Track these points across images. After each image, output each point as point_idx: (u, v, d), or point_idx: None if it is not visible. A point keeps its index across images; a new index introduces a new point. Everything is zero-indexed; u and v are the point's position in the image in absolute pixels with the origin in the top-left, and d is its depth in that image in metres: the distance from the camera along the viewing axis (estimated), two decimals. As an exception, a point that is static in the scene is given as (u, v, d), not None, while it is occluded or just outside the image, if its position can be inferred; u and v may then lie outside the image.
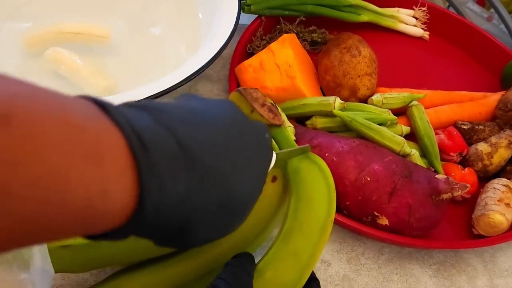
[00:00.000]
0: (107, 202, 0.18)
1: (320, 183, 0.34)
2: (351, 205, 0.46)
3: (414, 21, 0.73)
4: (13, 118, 0.15)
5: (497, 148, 0.55)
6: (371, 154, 0.48)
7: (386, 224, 0.45)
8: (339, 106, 0.53)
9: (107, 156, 0.18)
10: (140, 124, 0.20)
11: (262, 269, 0.32)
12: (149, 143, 0.19)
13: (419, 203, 0.45)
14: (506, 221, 0.48)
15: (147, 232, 0.21)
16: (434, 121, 0.58)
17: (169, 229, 0.21)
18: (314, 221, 0.33)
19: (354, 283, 0.47)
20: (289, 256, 0.32)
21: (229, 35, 0.53)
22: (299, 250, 0.32)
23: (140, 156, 0.19)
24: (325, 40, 0.67)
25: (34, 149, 0.15)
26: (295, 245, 0.32)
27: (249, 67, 0.56)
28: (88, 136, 0.17)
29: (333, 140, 0.49)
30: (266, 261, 0.32)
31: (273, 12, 0.65)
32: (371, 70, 0.57)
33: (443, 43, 0.74)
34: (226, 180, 0.23)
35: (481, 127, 0.58)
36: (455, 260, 0.51)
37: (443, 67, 0.71)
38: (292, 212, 0.34)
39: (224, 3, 0.59)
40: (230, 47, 0.56)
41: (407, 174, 0.47)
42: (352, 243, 0.50)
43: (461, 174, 0.53)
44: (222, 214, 0.23)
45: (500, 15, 0.79)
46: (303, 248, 0.32)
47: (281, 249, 0.33)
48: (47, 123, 0.16)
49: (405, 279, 0.48)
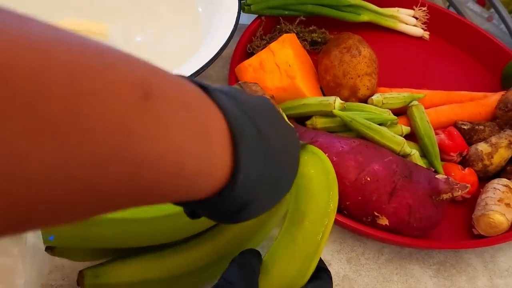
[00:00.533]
0: (210, 176, 0.20)
1: (319, 173, 0.34)
2: (351, 205, 0.46)
3: (414, 21, 0.73)
4: (153, 98, 0.16)
5: (497, 148, 0.55)
6: (371, 154, 0.48)
7: (386, 224, 0.45)
8: (339, 106, 0.53)
9: (215, 135, 0.20)
10: (232, 109, 0.22)
11: (267, 262, 0.32)
12: (242, 128, 0.22)
13: (419, 203, 0.45)
14: (506, 221, 0.48)
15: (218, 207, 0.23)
16: (434, 121, 0.58)
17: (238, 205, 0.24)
18: (316, 210, 0.33)
19: (354, 283, 0.47)
20: (293, 247, 0.32)
21: (229, 35, 0.53)
22: (303, 241, 0.32)
23: (239, 139, 0.21)
24: (325, 40, 0.67)
25: (169, 125, 0.17)
26: (298, 236, 0.32)
27: (249, 67, 0.56)
28: (202, 117, 0.20)
29: (333, 140, 0.49)
30: (270, 255, 0.32)
31: (273, 12, 0.65)
32: (371, 70, 0.57)
33: (443, 43, 0.74)
34: (284, 163, 0.26)
35: (481, 127, 0.58)
36: (455, 260, 0.51)
37: (443, 67, 0.71)
38: (293, 204, 0.34)
39: (224, 3, 0.59)
40: (230, 47, 0.56)
41: (407, 174, 0.47)
42: (352, 243, 0.50)
43: (461, 174, 0.53)
44: (275, 192, 0.27)
45: (500, 15, 0.79)
46: (306, 239, 0.32)
47: (285, 241, 0.32)
48: (176, 102, 0.18)
49: (405, 279, 0.48)
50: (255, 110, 0.24)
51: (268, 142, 0.24)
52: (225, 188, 0.22)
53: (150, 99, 0.16)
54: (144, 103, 0.16)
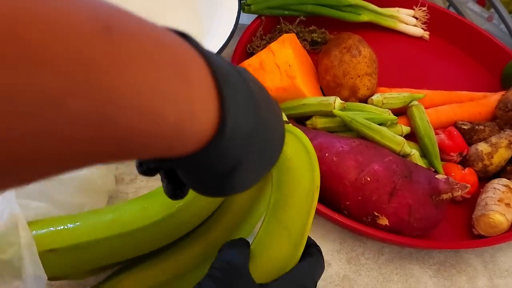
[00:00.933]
0: (194, 122, 0.19)
1: (299, 152, 0.33)
2: (351, 205, 0.46)
3: (414, 21, 0.73)
4: (113, 31, 0.15)
5: (497, 148, 0.55)
6: (371, 154, 0.48)
7: (386, 224, 0.45)
8: (339, 106, 0.53)
9: (195, 79, 0.19)
10: (219, 61, 0.21)
11: (256, 249, 0.31)
12: (229, 77, 0.21)
13: (419, 203, 0.45)
14: (506, 221, 0.48)
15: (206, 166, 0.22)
16: (434, 121, 0.58)
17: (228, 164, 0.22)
18: (299, 190, 0.32)
19: (354, 283, 0.47)
20: (280, 230, 0.31)
21: (229, 35, 0.53)
22: (288, 222, 0.31)
23: (223, 86, 0.20)
24: (325, 40, 0.67)
25: (135, 60, 0.16)
26: (284, 218, 0.31)
27: (249, 67, 0.56)
28: (179, 58, 0.18)
29: (333, 140, 0.49)
30: (257, 240, 0.32)
31: (273, 12, 0.65)
32: (371, 70, 0.57)
33: (443, 43, 0.74)
34: (274, 127, 0.26)
35: (481, 127, 0.58)
36: (455, 260, 0.51)
37: (443, 67, 0.71)
38: (275, 187, 0.33)
39: (224, 3, 0.59)
40: (230, 47, 0.56)
41: (407, 174, 0.47)
42: (352, 243, 0.50)
43: (461, 174, 0.53)
44: (264, 158, 0.26)
45: (500, 15, 0.79)
46: (292, 220, 0.31)
47: (270, 224, 0.32)
48: (144, 39, 0.16)
49: (405, 279, 0.48)
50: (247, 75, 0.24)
51: (257, 99, 0.23)
52: (214, 139, 0.20)
53: (114, 33, 0.15)
54: (106, 36, 0.15)
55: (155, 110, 0.17)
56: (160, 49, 0.17)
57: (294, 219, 0.31)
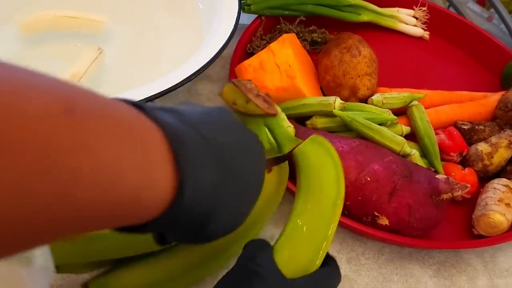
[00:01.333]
0: (154, 190, 0.20)
1: (327, 164, 0.35)
2: (351, 205, 0.46)
3: (414, 21, 0.73)
4: (76, 113, 0.16)
5: (497, 148, 0.55)
6: (371, 154, 0.48)
7: (386, 224, 0.45)
8: (339, 106, 0.53)
9: (152, 149, 0.20)
10: (170, 121, 0.22)
11: (280, 249, 0.32)
12: (182, 138, 0.22)
13: (419, 203, 0.45)
14: (506, 221, 0.48)
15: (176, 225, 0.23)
16: (434, 121, 0.58)
17: (197, 220, 0.23)
18: (325, 201, 0.34)
19: (354, 283, 0.47)
20: (304, 237, 0.33)
21: (229, 35, 0.53)
22: (313, 231, 0.33)
23: (179, 150, 0.21)
24: (325, 40, 0.67)
25: (97, 139, 0.17)
26: (309, 226, 0.33)
27: (249, 67, 0.56)
28: (136, 132, 0.20)
29: (333, 140, 0.49)
30: (281, 244, 0.33)
31: (273, 12, 0.65)
32: (371, 70, 0.57)
33: (443, 43, 0.74)
34: (245, 171, 0.26)
35: (481, 127, 0.58)
36: (455, 260, 0.51)
37: (443, 67, 0.71)
38: (303, 194, 0.35)
39: (224, 3, 0.59)
40: (230, 47, 0.56)
41: (407, 174, 0.47)
42: (352, 243, 0.50)
43: (461, 174, 0.53)
44: (240, 203, 0.26)
45: (500, 15, 0.79)
46: (318, 228, 0.33)
47: (295, 230, 0.33)
48: (104, 119, 0.18)
49: (405, 279, 0.48)
50: (201, 120, 0.24)
51: (220, 148, 0.24)
52: (175, 201, 0.21)
53: (74, 114, 0.16)
54: (67, 118, 0.16)
55: (114, 183, 0.17)
56: (119, 126, 0.18)
57: (319, 228, 0.33)
